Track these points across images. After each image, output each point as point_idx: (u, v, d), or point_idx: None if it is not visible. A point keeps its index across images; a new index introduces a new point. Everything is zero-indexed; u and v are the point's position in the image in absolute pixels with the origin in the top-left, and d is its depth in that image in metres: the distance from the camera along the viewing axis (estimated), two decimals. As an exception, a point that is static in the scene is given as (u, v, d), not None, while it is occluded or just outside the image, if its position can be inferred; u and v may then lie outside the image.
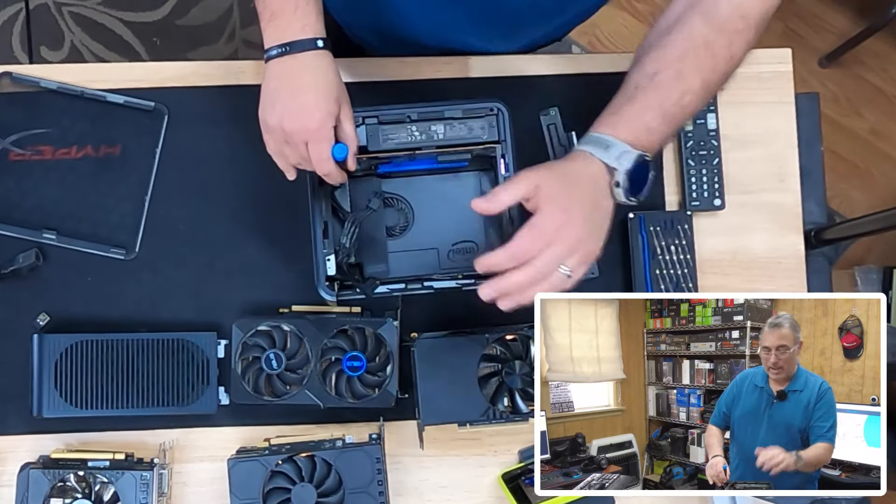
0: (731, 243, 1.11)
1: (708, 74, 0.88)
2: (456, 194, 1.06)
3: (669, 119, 0.88)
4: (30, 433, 1.03)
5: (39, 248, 1.04)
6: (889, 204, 1.77)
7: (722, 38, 0.88)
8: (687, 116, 0.91)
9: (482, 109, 1.01)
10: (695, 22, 0.88)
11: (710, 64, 0.88)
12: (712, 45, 0.88)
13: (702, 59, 0.88)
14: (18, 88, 1.08)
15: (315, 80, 0.89)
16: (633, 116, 0.87)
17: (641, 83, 0.88)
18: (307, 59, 0.89)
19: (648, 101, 0.87)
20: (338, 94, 0.91)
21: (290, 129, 0.88)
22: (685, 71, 0.87)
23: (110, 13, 2.04)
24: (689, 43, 0.88)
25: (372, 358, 1.01)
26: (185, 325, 1.04)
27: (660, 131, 0.88)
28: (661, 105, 0.87)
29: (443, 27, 1.08)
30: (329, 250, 0.98)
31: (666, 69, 0.88)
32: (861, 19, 2.18)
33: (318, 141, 0.89)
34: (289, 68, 0.89)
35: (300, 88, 0.89)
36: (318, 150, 0.89)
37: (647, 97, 0.88)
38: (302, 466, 0.97)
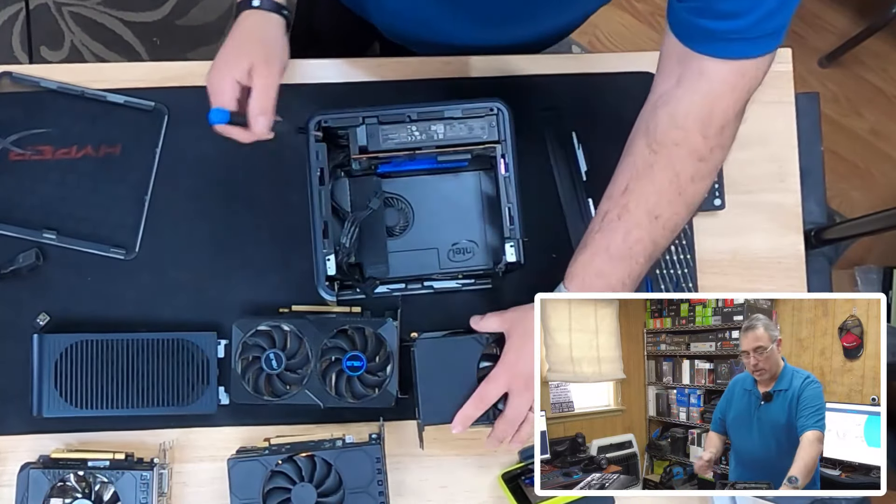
0: (731, 243, 1.11)
1: (652, 204, 0.83)
2: (456, 194, 1.06)
3: (623, 259, 0.85)
4: (30, 433, 1.02)
5: (39, 248, 1.04)
6: (889, 204, 1.77)
7: (661, 158, 0.83)
8: (645, 250, 0.85)
9: (482, 109, 1.01)
10: (638, 145, 0.84)
11: (652, 191, 0.83)
12: (653, 169, 0.83)
13: (643, 188, 0.84)
14: (18, 88, 1.08)
15: (232, 36, 0.92)
16: (583, 265, 0.87)
17: (594, 227, 0.87)
18: (240, 19, 0.92)
19: (597, 245, 0.86)
20: (251, 51, 0.90)
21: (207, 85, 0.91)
22: (628, 206, 0.84)
23: (110, 13, 2.04)
24: (631, 172, 0.85)
25: (372, 358, 1.01)
26: (185, 325, 1.04)
27: (616, 273, 0.85)
28: (608, 248, 0.85)
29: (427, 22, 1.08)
30: (329, 250, 0.98)
31: (612, 209, 0.85)
32: (861, 19, 2.17)
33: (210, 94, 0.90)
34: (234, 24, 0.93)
35: (224, 45, 0.91)
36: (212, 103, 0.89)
37: (595, 242, 0.86)
38: (302, 466, 0.97)
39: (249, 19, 0.92)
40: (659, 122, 0.83)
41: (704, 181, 0.85)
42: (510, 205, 1.01)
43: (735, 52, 0.79)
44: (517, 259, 1.00)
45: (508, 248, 1.00)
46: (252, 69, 0.89)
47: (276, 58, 0.91)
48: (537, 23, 1.10)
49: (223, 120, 0.88)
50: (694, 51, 0.81)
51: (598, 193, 1.08)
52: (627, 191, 0.85)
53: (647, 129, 0.84)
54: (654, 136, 0.83)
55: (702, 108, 0.81)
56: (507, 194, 1.01)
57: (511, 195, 1.01)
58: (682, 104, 0.82)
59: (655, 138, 0.83)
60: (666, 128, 0.82)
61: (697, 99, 0.81)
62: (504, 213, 1.00)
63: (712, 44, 0.80)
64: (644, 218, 0.84)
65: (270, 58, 0.90)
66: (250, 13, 0.92)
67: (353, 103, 1.02)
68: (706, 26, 0.79)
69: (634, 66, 1.13)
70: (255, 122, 0.88)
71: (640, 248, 0.85)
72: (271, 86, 0.89)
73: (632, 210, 0.84)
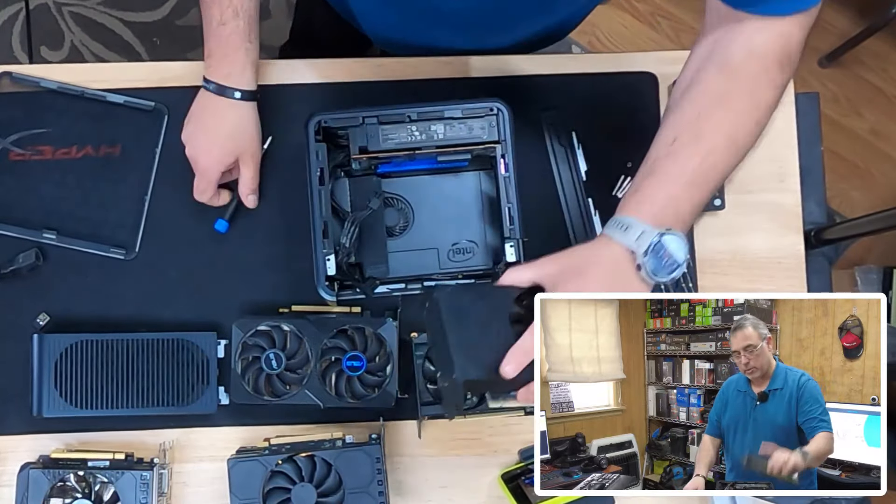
0: (731, 243, 1.11)
1: (731, 129, 0.82)
2: (456, 194, 1.06)
3: (698, 185, 0.82)
4: (30, 433, 1.02)
5: (39, 248, 1.04)
6: (889, 204, 1.77)
7: (740, 87, 0.82)
8: (719, 177, 0.84)
9: (482, 109, 1.01)
10: (709, 75, 0.83)
11: (731, 118, 0.82)
12: (730, 96, 0.82)
13: (721, 115, 0.82)
14: (18, 88, 1.08)
15: (217, 126, 1.01)
16: (654, 192, 0.82)
17: (661, 153, 0.83)
18: (220, 105, 1.00)
19: (668, 171, 0.82)
20: (237, 146, 1.01)
21: (188, 152, 1.02)
22: (703, 131, 0.82)
23: (110, 13, 2.04)
24: (705, 99, 0.83)
25: (372, 358, 1.01)
26: (185, 325, 1.04)
27: (690, 199, 0.82)
28: (683, 173, 0.82)
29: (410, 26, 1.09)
30: (329, 250, 0.98)
31: (683, 134, 0.82)
32: (861, 19, 2.17)
33: (201, 177, 1.02)
34: (205, 103, 1.01)
35: (203, 127, 1.01)
36: (201, 185, 1.03)
37: (665, 168, 0.82)
38: (302, 466, 0.97)
39: (230, 111, 1.01)
40: (734, 54, 0.82)
41: (773, 110, 0.85)
42: (510, 205, 1.01)
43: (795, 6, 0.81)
44: (517, 259, 1.00)
45: (508, 248, 1.00)
46: (240, 160, 1.02)
47: (258, 146, 1.04)
48: (515, 30, 1.11)
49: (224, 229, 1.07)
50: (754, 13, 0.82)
51: (599, 193, 1.09)
52: (700, 117, 0.82)
53: (720, 62, 0.83)
54: (730, 67, 0.82)
55: (779, 41, 0.82)
56: (507, 194, 1.01)
57: (511, 195, 1.01)
58: (758, 39, 0.82)
59: (731, 68, 0.82)
60: (744, 59, 0.82)
61: (773, 34, 0.82)
62: (504, 213, 1.00)
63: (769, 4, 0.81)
64: (722, 143, 0.82)
65: (254, 148, 1.03)
66: (230, 104, 1.00)
67: (353, 103, 1.02)
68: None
69: (634, 66, 1.13)
70: (247, 200, 1.05)
71: (714, 174, 0.83)
72: (257, 172, 1.04)
73: (709, 135, 0.82)
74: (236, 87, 0.99)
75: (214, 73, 0.99)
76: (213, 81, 0.99)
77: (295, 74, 1.11)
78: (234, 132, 1.01)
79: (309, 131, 0.99)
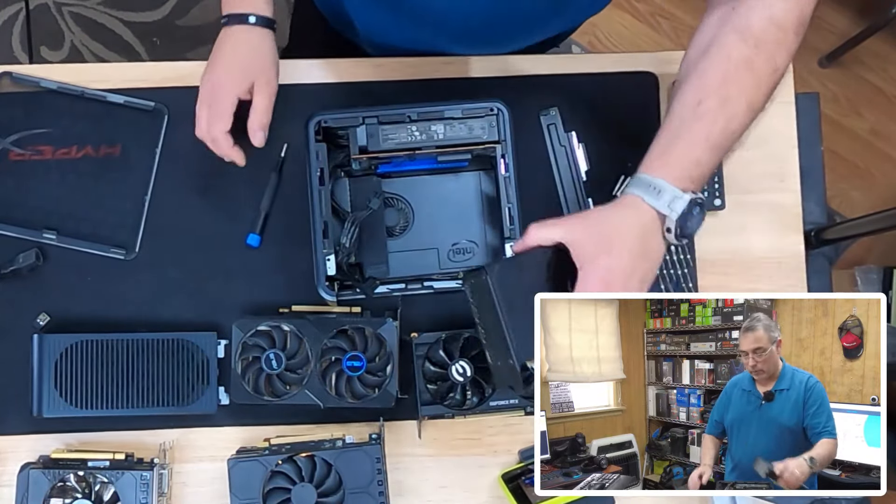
0: (731, 243, 1.11)
1: (752, 95, 0.85)
2: (456, 194, 1.06)
3: (718, 149, 0.85)
4: (30, 433, 1.02)
5: (39, 248, 1.04)
6: (889, 204, 1.77)
7: (762, 54, 0.84)
8: (735, 141, 0.87)
9: (482, 109, 1.01)
10: (731, 41, 0.85)
11: (753, 83, 0.85)
12: (753, 62, 0.84)
13: (744, 80, 0.84)
14: (18, 88, 1.08)
15: (231, 53, 0.98)
16: (682, 155, 0.84)
17: (686, 116, 0.85)
18: (233, 33, 0.97)
19: (695, 135, 0.84)
20: (253, 69, 0.97)
21: (203, 89, 0.98)
22: (729, 96, 0.84)
23: (110, 13, 2.04)
24: (728, 65, 0.85)
25: (372, 358, 1.01)
26: (185, 325, 1.04)
27: (709, 163, 0.85)
28: (709, 138, 0.84)
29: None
30: (329, 250, 0.99)
31: (709, 97, 0.84)
32: (861, 19, 2.18)
33: (215, 104, 0.97)
34: (222, 38, 0.98)
35: (218, 60, 0.98)
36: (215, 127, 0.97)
37: (692, 131, 0.84)
38: (302, 466, 0.97)
39: (245, 35, 0.97)
40: (756, 23, 0.84)
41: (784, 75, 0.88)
42: (510, 205, 1.01)
43: None
44: (517, 259, 1.00)
45: (508, 248, 1.00)
46: (253, 87, 0.97)
47: (274, 74, 0.98)
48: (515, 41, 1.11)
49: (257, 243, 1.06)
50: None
51: (599, 193, 1.09)
52: (727, 82, 0.84)
53: (741, 28, 0.85)
54: (752, 34, 0.84)
55: (795, 10, 0.85)
56: (507, 194, 1.01)
57: (511, 195, 1.01)
58: (778, 7, 0.84)
59: (754, 35, 0.84)
60: (765, 27, 0.84)
61: (791, 3, 0.84)
62: (504, 213, 1.00)
63: None
64: (744, 108, 0.85)
65: (270, 76, 0.98)
66: (245, 29, 0.97)
67: (353, 103, 1.02)
68: None
69: (634, 66, 1.13)
70: (255, 136, 0.98)
71: (734, 139, 0.86)
72: (270, 103, 0.98)
73: (734, 100, 0.84)
74: (251, 11, 0.97)
75: (229, 6, 0.98)
76: (227, 13, 0.98)
77: (295, 74, 1.11)
78: (250, 55, 0.98)
79: (309, 131, 0.99)
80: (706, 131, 0.84)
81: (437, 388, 1.01)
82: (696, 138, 0.84)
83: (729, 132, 0.85)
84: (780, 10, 0.84)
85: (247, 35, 0.97)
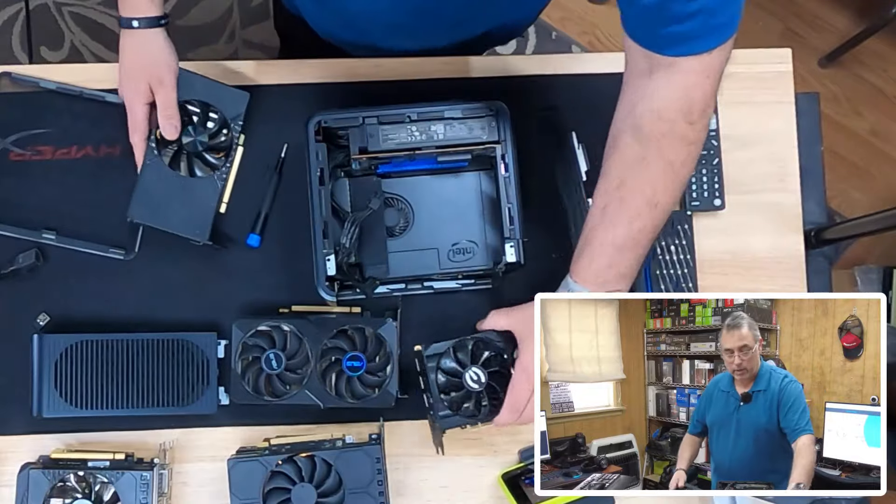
0: (731, 243, 1.11)
1: (650, 192, 0.85)
2: (456, 194, 1.06)
3: (628, 249, 0.87)
4: (30, 433, 1.02)
5: (39, 248, 1.04)
6: (889, 204, 1.77)
7: (652, 150, 0.83)
8: (649, 236, 0.88)
9: (482, 109, 1.01)
10: (625, 140, 0.85)
11: (648, 179, 0.85)
12: (644, 159, 0.84)
13: (639, 179, 0.85)
14: (18, 88, 1.08)
15: (124, 62, 1.03)
16: (593, 261, 0.88)
17: (595, 221, 0.88)
18: (123, 38, 1.02)
19: (601, 239, 0.87)
20: (147, 73, 1.02)
21: None
22: (626, 198, 0.85)
23: (110, 13, 2.04)
24: (623, 165, 0.86)
25: (372, 358, 1.01)
26: (185, 325, 1.04)
27: (624, 263, 0.87)
28: (614, 241, 0.86)
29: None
30: (329, 250, 0.99)
31: (612, 201, 0.86)
32: (861, 19, 2.17)
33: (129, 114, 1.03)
34: (121, 43, 1.03)
35: (121, 65, 1.04)
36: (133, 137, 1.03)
37: (599, 236, 0.87)
38: (302, 466, 0.97)
39: (131, 41, 1.02)
40: (643, 118, 0.83)
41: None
42: (510, 205, 1.01)
43: (703, 47, 0.79)
44: (517, 259, 1.00)
45: (508, 249, 1.00)
46: (152, 88, 1.02)
47: (166, 71, 1.02)
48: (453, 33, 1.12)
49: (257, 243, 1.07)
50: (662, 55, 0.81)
51: (598, 193, 1.09)
52: (623, 184, 0.85)
53: (632, 125, 0.84)
54: (641, 131, 0.84)
55: (681, 100, 0.82)
56: (507, 194, 1.01)
57: (511, 195, 1.01)
58: (662, 98, 0.82)
59: (642, 132, 0.84)
60: (651, 122, 0.83)
61: (676, 92, 0.82)
62: (504, 213, 1.00)
63: (678, 46, 0.80)
64: (644, 207, 0.85)
65: (161, 74, 1.02)
66: (130, 34, 1.02)
67: (353, 103, 1.02)
68: (668, 32, 0.79)
69: (634, 66, 1.13)
70: (164, 129, 1.02)
71: (643, 236, 0.87)
72: (170, 98, 1.02)
73: (630, 202, 0.85)
74: (132, 16, 1.00)
75: (120, 9, 1.01)
76: (119, 17, 1.01)
77: (295, 74, 1.11)
78: (140, 60, 1.02)
79: (309, 131, 0.99)
80: (611, 236, 0.87)
81: (452, 398, 0.99)
82: (602, 243, 0.87)
83: (635, 231, 0.86)
84: (663, 102, 0.83)
85: (132, 40, 1.02)
